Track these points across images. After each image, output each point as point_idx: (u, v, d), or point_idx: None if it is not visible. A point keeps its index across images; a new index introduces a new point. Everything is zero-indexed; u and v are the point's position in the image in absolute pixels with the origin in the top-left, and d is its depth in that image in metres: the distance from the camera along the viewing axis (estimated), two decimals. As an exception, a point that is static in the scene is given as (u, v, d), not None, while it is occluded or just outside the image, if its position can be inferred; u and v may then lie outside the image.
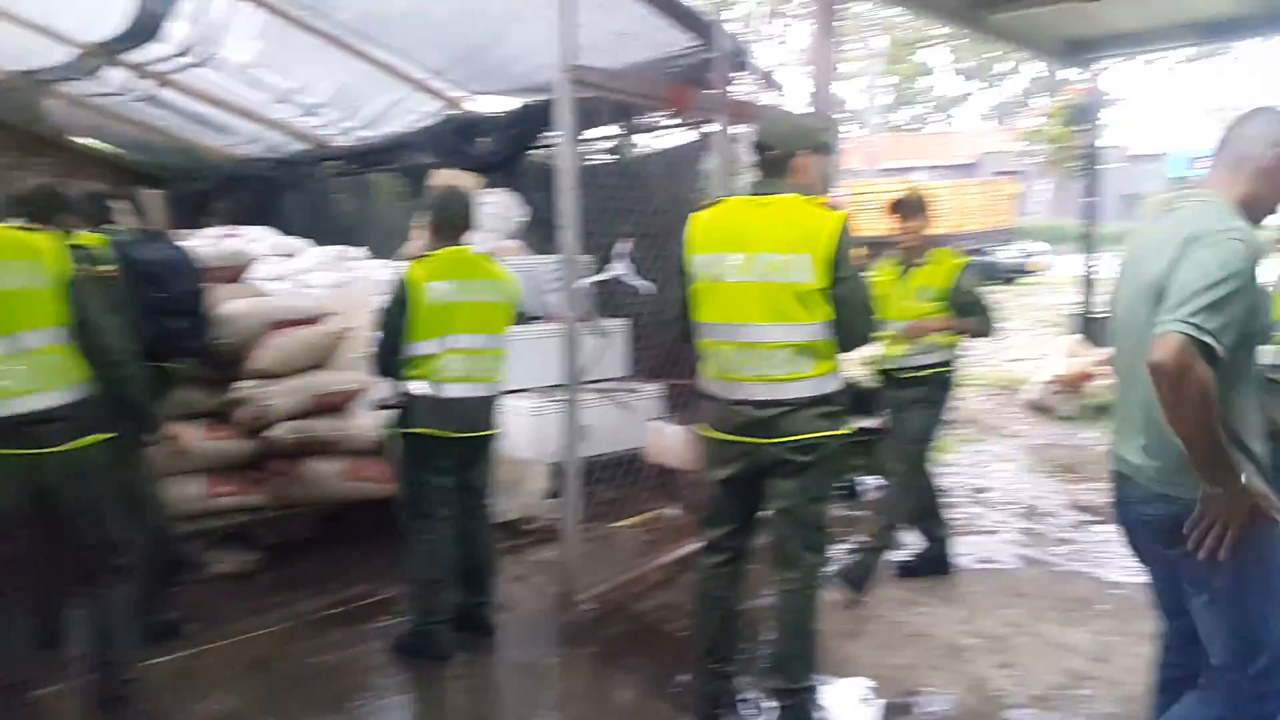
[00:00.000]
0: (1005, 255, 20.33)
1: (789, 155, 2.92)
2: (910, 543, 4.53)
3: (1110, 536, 4.98)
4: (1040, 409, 7.94)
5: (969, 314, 4.19)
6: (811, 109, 5.10)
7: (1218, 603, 2.13)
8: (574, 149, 3.75)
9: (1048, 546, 4.91)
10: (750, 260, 2.83)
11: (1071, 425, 7.54)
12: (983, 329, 4.25)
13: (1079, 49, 8.08)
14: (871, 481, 5.86)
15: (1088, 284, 8.89)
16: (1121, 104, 40.15)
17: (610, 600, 4.10)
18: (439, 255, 3.57)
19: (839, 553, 4.21)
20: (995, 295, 15.44)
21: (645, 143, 6.27)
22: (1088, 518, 5.34)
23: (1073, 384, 7.88)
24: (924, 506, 4.44)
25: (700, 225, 2.97)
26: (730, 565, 3.11)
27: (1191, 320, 1.93)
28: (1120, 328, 2.29)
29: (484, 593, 3.84)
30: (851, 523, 5.23)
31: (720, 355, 2.93)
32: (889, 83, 40.84)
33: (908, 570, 4.45)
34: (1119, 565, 4.60)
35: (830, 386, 2.93)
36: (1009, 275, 20.07)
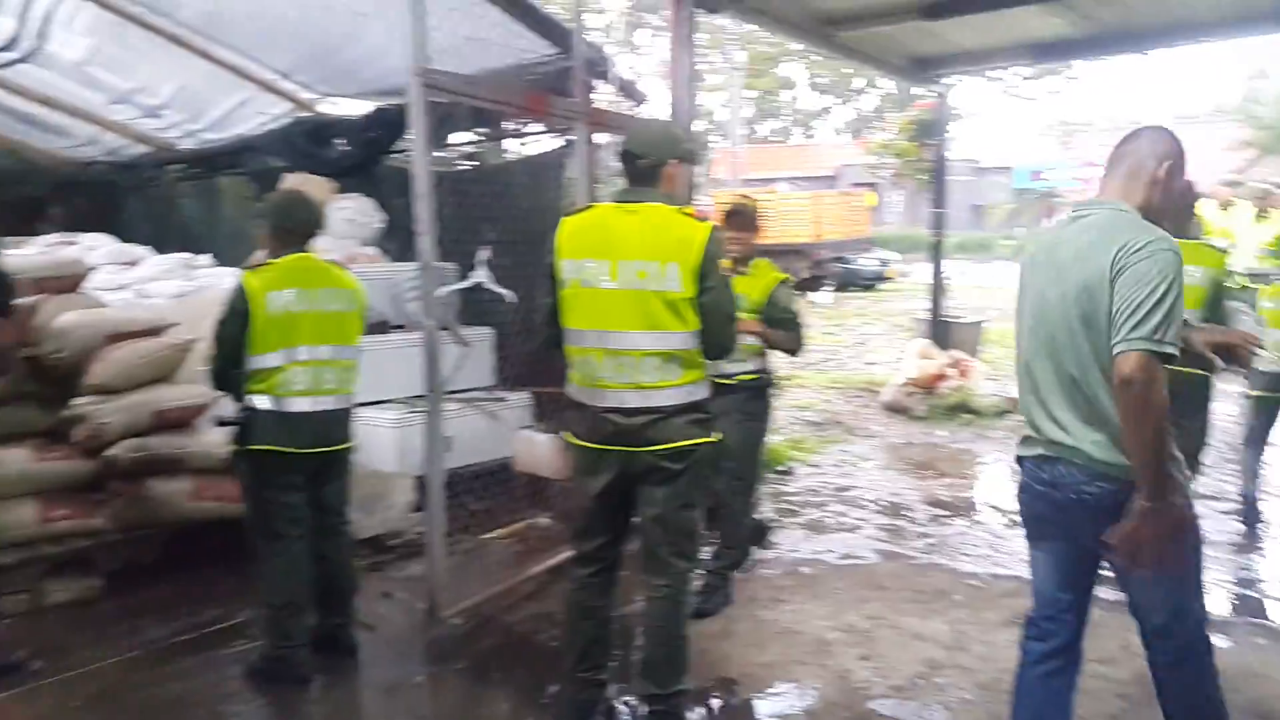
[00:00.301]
0: (865, 263, 21.09)
1: (660, 164, 2.94)
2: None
3: (964, 529, 5.22)
4: (896, 409, 8.23)
5: (780, 329, 4.16)
6: (673, 119, 5.17)
7: (1162, 578, 2.31)
8: (427, 154, 3.68)
9: (906, 541, 5.07)
10: (619, 267, 2.83)
11: (926, 424, 7.84)
12: (791, 345, 4.22)
13: (925, 66, 8.44)
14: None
15: (937, 290, 9.28)
16: (968, 119, 42.46)
17: (480, 614, 4.01)
18: (280, 263, 3.41)
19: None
20: (856, 301, 15.90)
21: (508, 149, 6.20)
22: (942, 512, 5.56)
23: (925, 385, 8.20)
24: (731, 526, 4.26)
25: (569, 231, 2.95)
26: (601, 575, 3.09)
27: (1153, 338, 2.13)
28: (1041, 323, 2.42)
29: (343, 612, 3.69)
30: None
31: (588, 362, 2.91)
32: (751, 96, 41.88)
33: (701, 613, 3.93)
34: (972, 557, 4.82)
35: (699, 394, 2.95)
36: (868, 282, 20.85)
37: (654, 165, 2.94)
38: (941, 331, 9.12)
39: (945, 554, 4.86)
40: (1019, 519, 2.67)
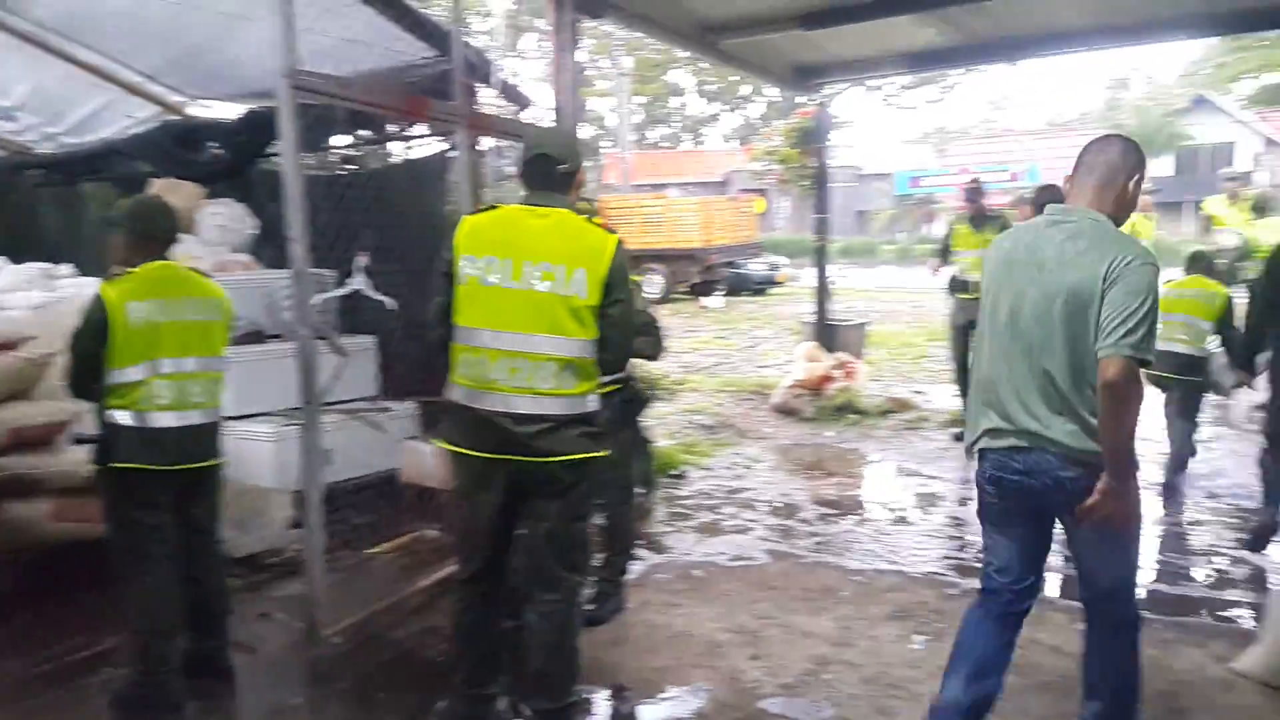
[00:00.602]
0: (755, 268, 21.44)
1: (574, 170, 2.95)
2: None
3: (851, 528, 5.33)
4: (786, 411, 8.36)
5: (639, 335, 4.22)
6: (558, 124, 5.14)
7: (1114, 536, 2.59)
8: (298, 158, 3.57)
9: (796, 540, 5.14)
10: (524, 267, 2.78)
11: (814, 425, 7.99)
12: (651, 350, 4.22)
13: (806, 75, 8.62)
14: (636, 489, 5.95)
15: (822, 293, 9.48)
16: (850, 127, 43.73)
17: (363, 631, 3.89)
18: (140, 272, 3.23)
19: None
20: (747, 305, 16.13)
21: (393, 153, 6.07)
22: (830, 511, 5.66)
23: (813, 387, 8.36)
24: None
25: (472, 227, 2.89)
26: (487, 589, 3.01)
27: (1139, 346, 2.38)
28: (1020, 319, 2.59)
29: (217, 635, 3.53)
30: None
31: (480, 363, 2.82)
32: (640, 102, 42.22)
33: (594, 620, 3.90)
34: (858, 554, 4.92)
35: (592, 405, 2.92)
36: (759, 286, 21.19)
37: (570, 172, 2.95)
38: (827, 334, 9.32)
39: (833, 552, 4.95)
40: (983, 508, 2.84)
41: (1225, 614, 4.13)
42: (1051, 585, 4.50)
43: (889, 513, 5.70)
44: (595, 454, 2.91)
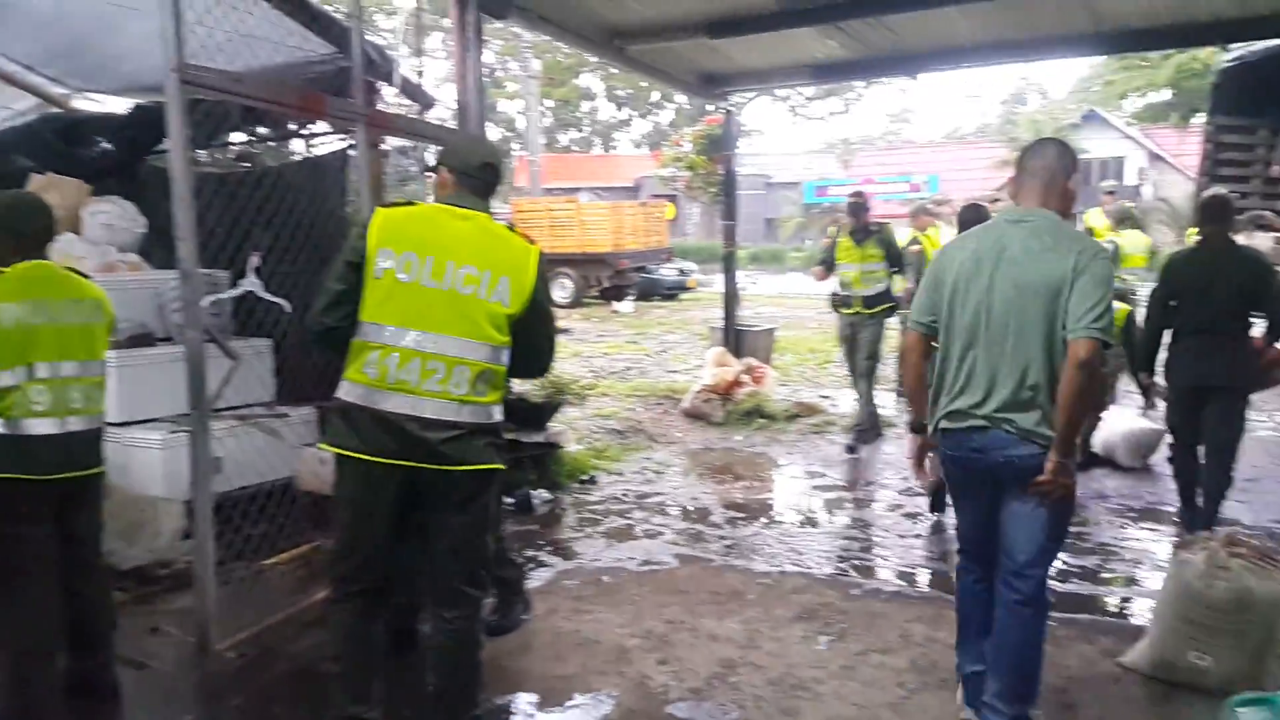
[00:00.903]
0: (665, 273, 21.55)
1: (500, 180, 2.93)
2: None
3: (759, 530, 5.38)
4: (696, 416, 8.41)
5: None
6: (461, 125, 5.08)
7: (1048, 514, 2.83)
8: (187, 155, 3.43)
9: (705, 544, 5.16)
10: (446, 268, 2.69)
11: (723, 430, 8.05)
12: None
13: (713, 83, 8.71)
14: (546, 495, 5.90)
15: (731, 299, 9.57)
16: (759, 135, 44.40)
17: (258, 645, 3.75)
18: (11, 272, 3.05)
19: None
20: (658, 310, 16.13)
21: (289, 152, 5.88)
22: (739, 515, 5.70)
23: (722, 392, 8.43)
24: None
25: (389, 221, 2.75)
26: (371, 600, 2.86)
27: (1105, 330, 2.68)
28: (987, 311, 2.84)
29: (100, 652, 3.35)
30: (525, 537, 5.23)
31: (387, 362, 2.68)
32: (549, 105, 42.11)
33: (501, 629, 3.91)
34: (765, 556, 4.96)
35: (498, 416, 2.85)
36: (670, 292, 21.31)
37: (498, 181, 2.93)
38: (736, 340, 9.42)
39: (741, 555, 4.98)
40: (949, 482, 3.13)
41: (1114, 610, 4.30)
42: (949, 585, 4.62)
43: (796, 515, 5.77)
44: (500, 466, 2.85)
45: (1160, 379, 5.08)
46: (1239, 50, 10.53)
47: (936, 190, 28.40)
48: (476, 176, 2.87)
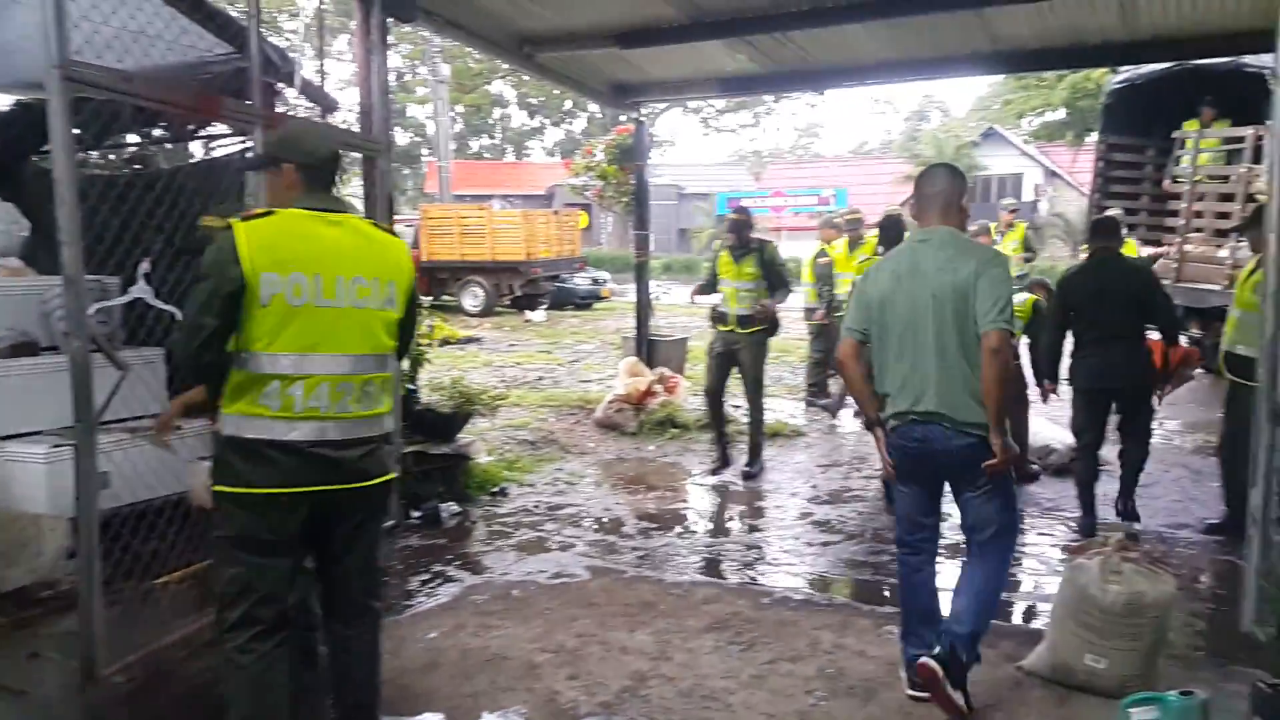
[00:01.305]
0: (579, 282, 21.50)
1: (341, 166, 2.79)
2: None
3: (671, 540, 5.37)
4: (608, 426, 8.38)
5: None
6: (362, 129, 4.98)
7: (997, 496, 3.26)
8: (70, 156, 3.25)
9: (617, 555, 5.13)
10: (338, 284, 2.56)
11: (636, 440, 8.04)
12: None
13: (625, 93, 8.71)
14: (455, 508, 5.79)
15: (643, 309, 9.58)
16: (672, 146, 44.73)
17: (147, 668, 3.57)
18: None
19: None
20: (571, 320, 16.00)
21: (186, 154, 5.67)
22: (652, 525, 5.69)
23: (635, 402, 8.42)
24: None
25: (259, 239, 2.50)
26: (277, 636, 2.66)
27: (1007, 319, 3.12)
28: (916, 318, 3.22)
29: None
30: (433, 552, 5.12)
31: (293, 391, 2.52)
32: (460, 111, 41.70)
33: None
34: (677, 566, 4.96)
35: (392, 424, 2.78)
36: (583, 301, 21.27)
37: (340, 171, 2.80)
38: (650, 349, 9.42)
39: (653, 566, 4.96)
40: (895, 470, 3.44)
41: (1014, 615, 4.41)
42: (857, 592, 4.69)
43: (708, 525, 5.78)
44: (394, 475, 2.78)
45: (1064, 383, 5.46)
46: (1127, 72, 11.09)
47: (844, 204, 29.06)
48: (326, 169, 2.68)
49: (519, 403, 9.40)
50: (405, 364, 6.32)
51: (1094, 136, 14.30)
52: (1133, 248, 8.05)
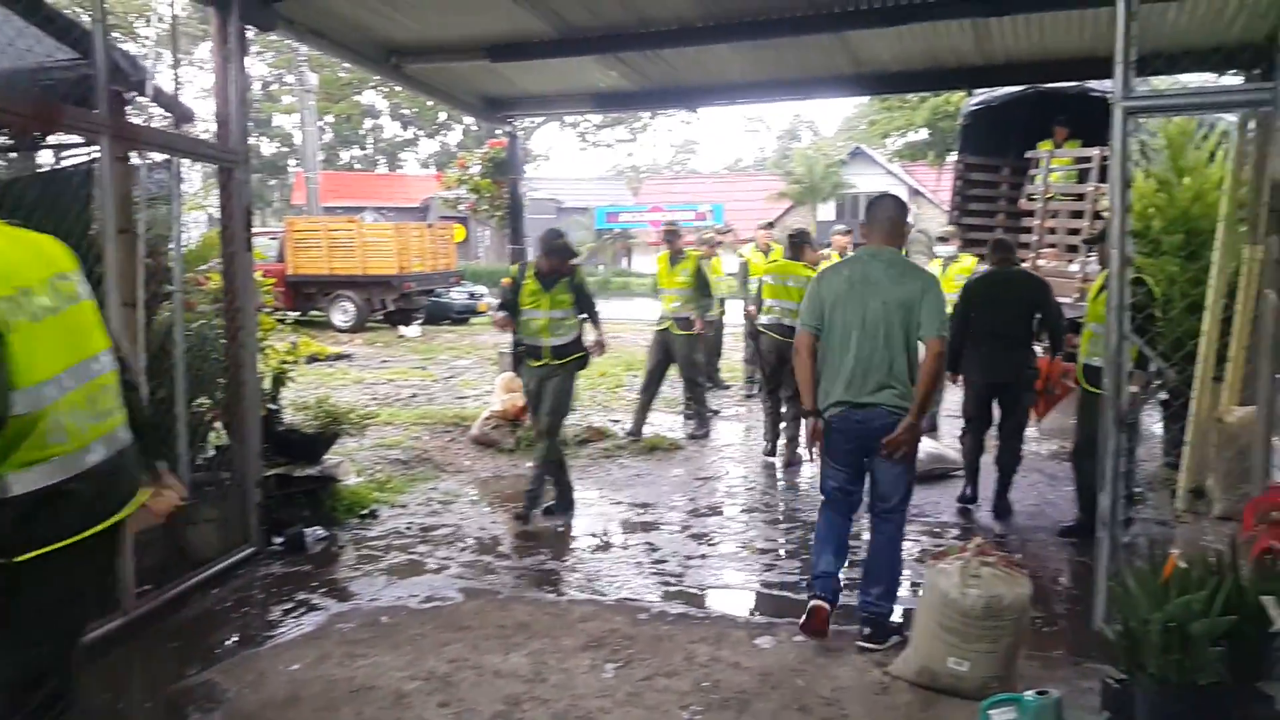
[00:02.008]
0: (455, 296, 21.16)
1: None
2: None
3: (548, 558, 5.30)
4: (485, 443, 8.24)
5: None
6: (219, 139, 4.76)
7: (903, 468, 3.98)
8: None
9: (492, 576, 5.03)
10: (52, 284, 2.28)
11: (514, 456, 7.91)
12: None
13: (496, 106, 8.62)
14: (321, 532, 5.58)
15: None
16: (547, 160, 44.68)
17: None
18: None
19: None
20: (446, 335, 15.65)
21: (22, 164, 5.29)
22: (529, 544, 5.61)
23: (511, 417, 8.31)
24: None
25: None
26: (66, 699, 2.34)
27: (946, 329, 3.99)
28: (866, 323, 3.90)
29: None
30: (297, 579, 4.91)
31: (58, 420, 2.18)
32: (329, 121, 40.63)
33: None
34: (554, 584, 4.90)
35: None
36: (460, 316, 20.94)
37: None
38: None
39: (530, 585, 4.89)
40: (829, 447, 4.10)
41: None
42: (733, 604, 4.73)
43: (586, 541, 5.74)
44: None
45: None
46: (983, 94, 11.63)
47: (720, 220, 29.59)
48: None
49: (391, 421, 9.16)
50: (266, 383, 6.08)
51: (954, 156, 14.93)
52: (968, 268, 8.26)
